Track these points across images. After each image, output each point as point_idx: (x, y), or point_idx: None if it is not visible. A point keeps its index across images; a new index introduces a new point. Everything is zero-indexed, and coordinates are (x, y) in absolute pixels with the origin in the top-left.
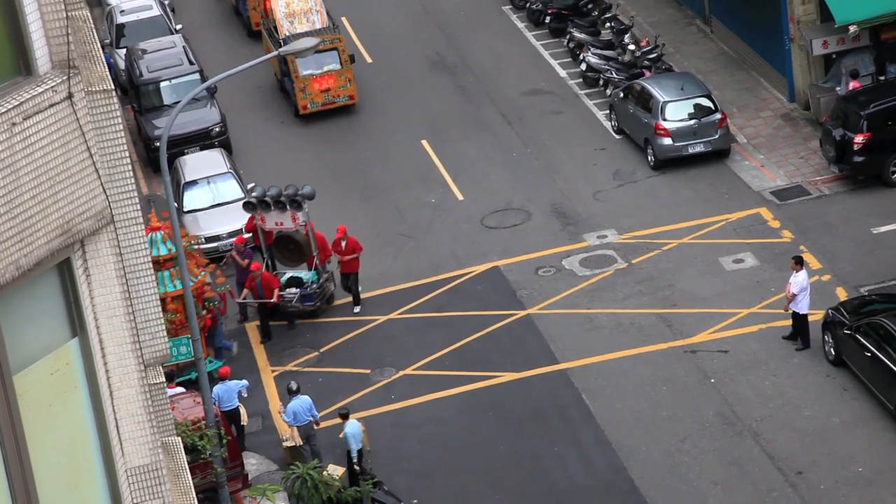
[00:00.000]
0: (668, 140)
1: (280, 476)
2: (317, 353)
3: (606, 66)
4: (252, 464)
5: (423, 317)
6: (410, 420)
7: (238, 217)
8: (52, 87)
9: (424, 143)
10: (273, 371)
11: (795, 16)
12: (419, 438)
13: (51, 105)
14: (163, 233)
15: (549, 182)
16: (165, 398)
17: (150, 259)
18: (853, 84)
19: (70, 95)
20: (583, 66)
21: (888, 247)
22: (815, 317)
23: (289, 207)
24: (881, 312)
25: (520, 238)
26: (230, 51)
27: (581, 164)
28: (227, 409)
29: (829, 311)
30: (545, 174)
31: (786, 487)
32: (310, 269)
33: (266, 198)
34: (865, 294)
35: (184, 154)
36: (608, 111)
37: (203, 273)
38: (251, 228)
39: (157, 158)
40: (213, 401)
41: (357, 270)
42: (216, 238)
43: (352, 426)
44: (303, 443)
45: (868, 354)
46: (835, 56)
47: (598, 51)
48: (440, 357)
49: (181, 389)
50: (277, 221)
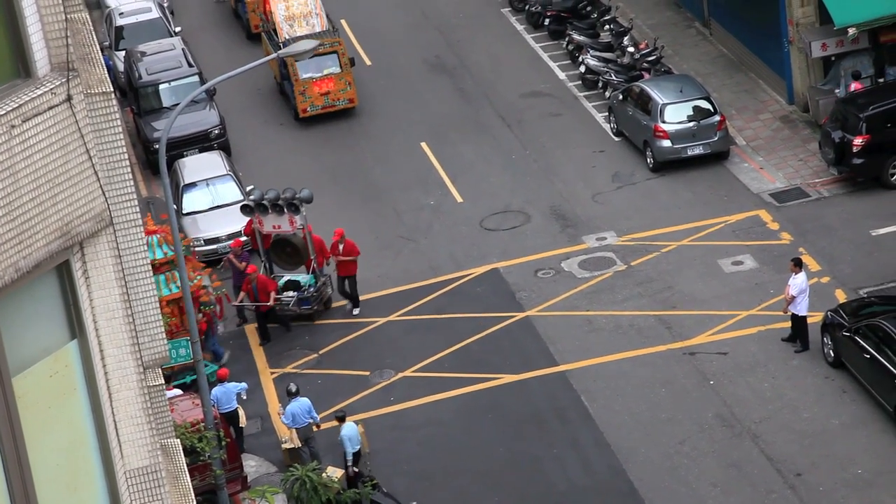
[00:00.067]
0: (668, 142)
1: (279, 478)
2: (316, 355)
3: (605, 69)
4: (251, 466)
5: (423, 319)
6: (409, 422)
7: (237, 219)
8: (51, 90)
9: (423, 146)
10: (272, 373)
11: (794, 18)
12: (418, 440)
13: (50, 107)
14: (159, 236)
15: (549, 184)
16: (164, 400)
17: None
18: (855, 85)
19: (69, 98)
20: (582, 69)
21: (887, 249)
22: (815, 319)
23: (286, 211)
24: (880, 314)
25: (519, 240)
26: (229, 53)
27: (580, 167)
28: (226, 412)
29: (829, 313)
30: (544, 176)
31: (785, 489)
32: (308, 273)
33: (264, 201)
34: (864, 296)
35: (183, 156)
36: (607, 113)
37: (199, 277)
38: (249, 232)
39: (157, 161)
40: (212, 403)
41: (355, 273)
42: (215, 240)
43: (348, 429)
44: (302, 445)
45: (867, 356)
46: (834, 58)
47: (598, 53)
48: (439, 359)
49: (179, 392)
50: (275, 225)
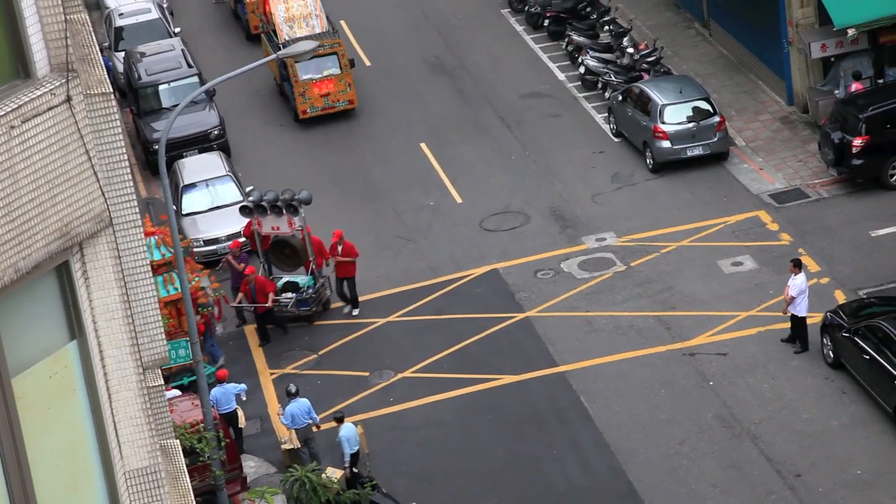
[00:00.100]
0: (667, 143)
1: (279, 479)
2: (315, 356)
3: (605, 70)
4: (251, 466)
5: (422, 319)
6: (409, 423)
7: (237, 220)
8: (51, 91)
9: (423, 146)
10: (272, 374)
11: (794, 19)
12: (418, 441)
13: (49, 108)
14: (156, 238)
15: (548, 185)
16: (164, 401)
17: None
18: (856, 86)
19: (68, 98)
20: (581, 70)
21: (887, 250)
22: (814, 320)
23: (285, 212)
24: (880, 315)
25: (518, 241)
26: (229, 54)
27: (580, 167)
28: (225, 412)
29: (828, 314)
30: (544, 177)
31: (784, 490)
32: (307, 274)
33: (263, 202)
34: (864, 297)
35: (182, 157)
36: (607, 114)
37: (197, 278)
38: (249, 234)
39: (156, 161)
40: (211, 404)
41: (354, 275)
42: (215, 241)
43: (346, 430)
44: (301, 445)
45: (866, 357)
46: (833, 59)
47: (597, 54)
48: (439, 360)
49: (178, 392)
50: (274, 226)
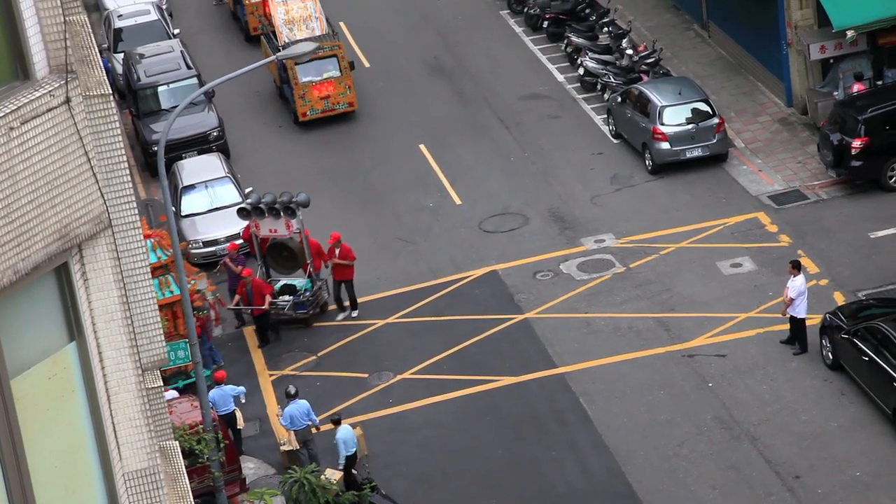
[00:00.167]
0: (666, 144)
1: (278, 480)
2: (314, 357)
3: (604, 71)
4: (250, 468)
5: (421, 321)
6: (408, 424)
7: (236, 221)
8: (50, 92)
9: (422, 148)
10: (271, 375)
11: (793, 21)
12: (417, 442)
13: (48, 109)
14: (153, 241)
15: (547, 186)
16: (163, 402)
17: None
18: (858, 87)
19: (68, 100)
20: (580, 71)
21: (886, 251)
22: (813, 321)
23: (283, 214)
24: (879, 317)
25: (517, 242)
26: (228, 55)
27: (579, 169)
28: (223, 414)
29: (827, 316)
30: (543, 178)
31: (783, 491)
32: (305, 277)
33: (260, 205)
34: (863, 298)
35: (181, 158)
36: (606, 115)
37: (193, 281)
38: (248, 237)
39: (155, 163)
40: (209, 404)
41: (351, 278)
42: (214, 242)
43: (344, 431)
44: (300, 447)
45: (866, 359)
46: (832, 61)
47: (596, 55)
48: (438, 361)
49: (177, 394)
50: (272, 228)
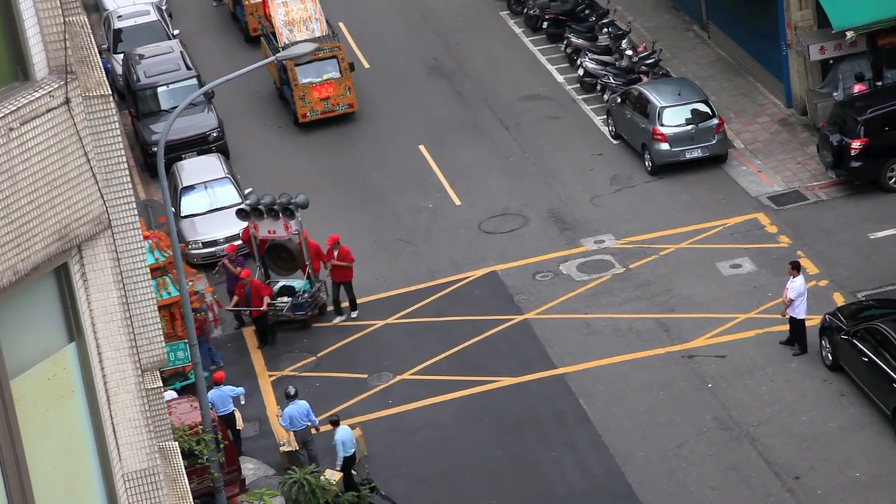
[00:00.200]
0: (666, 145)
1: (277, 481)
2: (314, 358)
3: (604, 72)
4: (249, 468)
5: (421, 322)
6: (408, 425)
7: (235, 222)
8: (50, 93)
9: (422, 149)
10: (270, 376)
11: (793, 21)
12: (416, 443)
13: (48, 110)
14: (150, 242)
15: (547, 187)
16: (162, 403)
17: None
18: (859, 87)
19: (67, 100)
20: (580, 72)
21: (885, 252)
22: (813, 322)
23: (282, 216)
24: (878, 317)
25: (517, 243)
26: (227, 56)
27: (578, 170)
28: (222, 415)
29: (827, 317)
30: (542, 179)
31: (783, 492)
32: (304, 278)
33: (259, 206)
34: (863, 299)
35: (181, 159)
36: (605, 116)
37: (191, 283)
38: (247, 239)
39: (155, 163)
40: (209, 405)
41: (350, 280)
42: (213, 243)
43: (342, 432)
44: (300, 447)
45: (865, 359)
46: (832, 62)
47: (596, 56)
48: (437, 362)
49: (176, 394)
50: (270, 230)
